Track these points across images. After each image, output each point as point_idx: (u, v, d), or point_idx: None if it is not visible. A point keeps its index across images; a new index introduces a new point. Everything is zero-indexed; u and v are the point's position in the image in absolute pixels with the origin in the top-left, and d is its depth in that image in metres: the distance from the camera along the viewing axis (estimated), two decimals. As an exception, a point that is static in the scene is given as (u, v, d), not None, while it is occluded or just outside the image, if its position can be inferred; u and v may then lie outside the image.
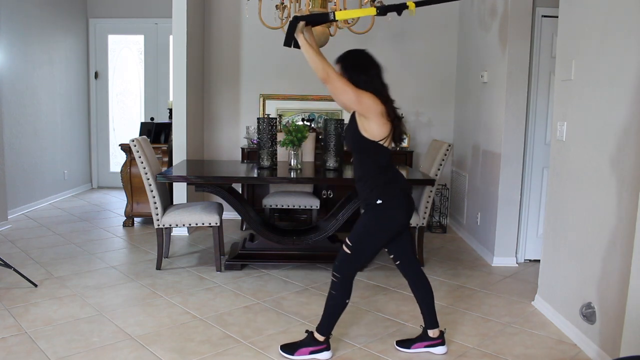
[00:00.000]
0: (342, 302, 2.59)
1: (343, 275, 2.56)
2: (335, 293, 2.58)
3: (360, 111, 2.46)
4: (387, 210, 2.52)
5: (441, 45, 5.59)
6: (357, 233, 2.56)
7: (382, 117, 2.46)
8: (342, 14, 2.70)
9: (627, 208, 2.45)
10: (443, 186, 5.46)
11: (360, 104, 2.43)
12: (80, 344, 2.70)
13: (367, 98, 2.44)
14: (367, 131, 2.47)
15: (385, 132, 2.48)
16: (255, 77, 5.62)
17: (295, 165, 4.14)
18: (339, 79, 2.44)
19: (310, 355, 2.62)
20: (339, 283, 2.56)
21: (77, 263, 4.02)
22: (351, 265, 2.58)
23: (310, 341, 2.63)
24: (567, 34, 3.15)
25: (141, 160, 3.80)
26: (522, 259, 4.31)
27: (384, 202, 2.51)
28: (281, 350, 2.65)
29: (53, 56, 6.32)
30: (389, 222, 2.54)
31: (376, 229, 2.55)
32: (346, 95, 2.43)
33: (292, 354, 2.62)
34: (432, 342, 2.70)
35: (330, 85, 2.45)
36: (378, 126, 2.45)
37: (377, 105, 2.44)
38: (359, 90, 2.44)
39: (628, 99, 2.47)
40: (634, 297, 2.34)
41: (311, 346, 2.62)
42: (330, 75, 2.43)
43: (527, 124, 4.14)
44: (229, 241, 4.67)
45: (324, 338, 2.62)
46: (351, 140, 2.58)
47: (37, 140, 6.00)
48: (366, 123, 2.47)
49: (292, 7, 3.97)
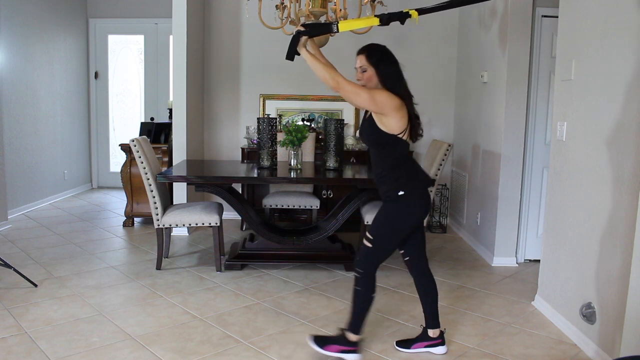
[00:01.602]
0: (369, 297, 2.58)
1: (366, 270, 2.56)
2: (361, 289, 2.56)
3: (377, 110, 2.47)
4: (409, 202, 2.52)
5: (441, 45, 5.59)
6: (378, 226, 2.56)
7: (400, 110, 2.47)
8: (345, 25, 2.68)
9: (627, 208, 2.45)
10: (443, 186, 5.46)
11: (375, 102, 2.44)
12: (80, 344, 2.70)
13: (380, 95, 2.45)
14: (385, 125, 2.49)
15: (404, 125, 2.49)
16: (255, 77, 5.62)
17: (295, 165, 4.14)
18: (349, 84, 2.46)
19: (339, 354, 2.58)
20: (362, 278, 2.56)
21: (77, 263, 4.02)
22: (373, 259, 2.57)
23: (342, 340, 2.59)
24: (567, 34, 3.15)
25: (141, 160, 3.80)
26: (522, 259, 4.31)
27: (405, 194, 2.51)
28: (311, 341, 2.60)
29: (53, 56, 6.32)
30: (409, 214, 2.54)
31: (397, 221, 2.54)
32: (359, 98, 2.45)
33: (321, 347, 2.59)
34: (432, 342, 2.70)
35: (342, 91, 2.47)
36: (396, 120, 2.47)
37: (392, 100, 2.45)
38: (371, 90, 2.46)
39: (628, 99, 2.47)
40: (634, 297, 2.34)
41: (342, 345, 2.58)
42: (339, 82, 2.45)
43: (527, 124, 4.13)
44: (229, 241, 4.67)
45: (357, 339, 2.59)
46: (369, 135, 2.58)
47: (37, 140, 6.00)
48: (384, 119, 2.48)
49: (292, 7, 3.97)
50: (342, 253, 4.04)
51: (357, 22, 2.75)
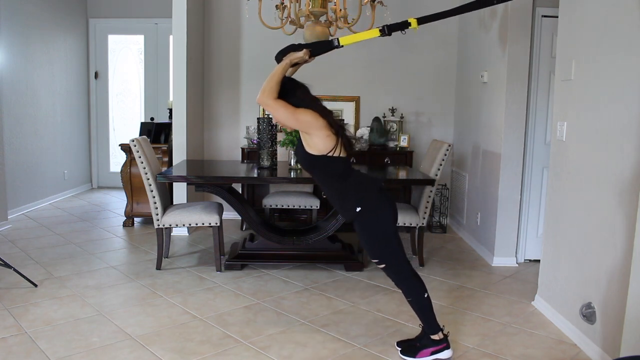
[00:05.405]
0: (424, 298, 2.60)
1: (403, 282, 2.60)
2: (412, 298, 2.61)
3: (301, 128, 2.50)
4: (371, 211, 2.54)
5: (441, 45, 5.59)
6: (370, 247, 2.60)
7: (325, 129, 2.47)
8: (347, 40, 2.69)
9: (627, 208, 2.45)
10: (443, 186, 5.46)
11: (298, 120, 2.47)
12: (80, 344, 2.70)
13: (303, 115, 2.46)
14: (312, 147, 2.50)
15: (331, 144, 2.49)
16: (255, 77, 5.60)
17: (295, 165, 4.14)
18: (275, 102, 2.46)
19: (432, 356, 2.62)
20: (406, 289, 2.61)
21: (77, 263, 4.02)
22: (399, 270, 2.60)
23: (429, 342, 2.62)
24: (567, 34, 3.15)
25: (141, 160, 3.80)
26: (522, 259, 4.31)
27: (363, 208, 2.53)
28: (402, 353, 2.65)
29: (53, 56, 6.32)
30: (380, 219, 2.56)
31: (377, 231, 2.56)
32: (281, 115, 2.47)
33: (413, 356, 2.63)
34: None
35: (268, 108, 2.48)
36: (321, 139, 2.47)
37: (316, 120, 2.46)
38: (295, 110, 2.47)
39: (628, 99, 2.47)
40: (634, 297, 2.34)
41: (431, 347, 2.62)
42: (267, 99, 2.45)
43: (527, 124, 4.13)
44: (229, 241, 4.67)
45: (442, 336, 2.62)
46: (302, 161, 2.63)
47: (37, 140, 6.00)
48: (309, 139, 2.50)
49: (292, 7, 3.97)
50: (342, 253, 4.04)
51: (358, 36, 2.76)
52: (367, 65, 5.57)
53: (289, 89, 2.53)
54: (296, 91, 2.53)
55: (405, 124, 5.58)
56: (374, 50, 5.50)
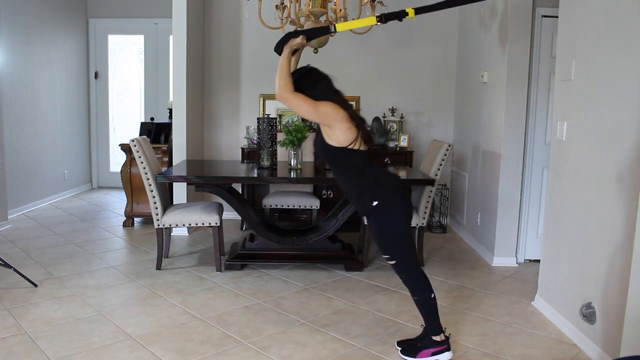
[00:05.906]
0: (430, 299, 2.61)
1: (411, 281, 2.60)
2: (418, 297, 2.61)
3: (322, 121, 2.49)
4: (388, 208, 2.53)
5: (441, 45, 5.59)
6: (383, 243, 2.59)
7: (346, 122, 2.47)
8: (343, 26, 2.69)
9: (627, 208, 2.45)
10: (443, 186, 5.46)
11: (319, 113, 2.46)
12: (80, 344, 2.70)
13: (325, 107, 2.45)
14: (332, 139, 2.49)
15: (352, 136, 2.48)
16: (255, 77, 5.61)
17: (295, 165, 4.14)
18: (294, 96, 2.46)
19: (433, 357, 2.62)
20: (414, 288, 2.61)
21: (77, 263, 4.02)
22: (408, 268, 2.59)
23: (430, 343, 2.63)
24: (567, 34, 3.15)
25: (141, 160, 3.80)
26: (522, 259, 4.31)
27: (379, 203, 2.53)
28: (402, 353, 2.66)
29: (53, 56, 6.32)
30: (396, 217, 2.55)
31: (392, 228, 2.56)
32: (302, 109, 2.47)
33: (413, 356, 2.63)
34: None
35: (287, 103, 2.48)
36: (342, 132, 2.47)
37: (337, 112, 2.46)
38: (315, 102, 2.46)
39: (628, 99, 2.47)
40: (634, 297, 2.34)
41: (432, 347, 2.62)
42: (286, 93, 2.45)
43: (527, 124, 4.13)
44: (229, 241, 4.67)
45: (444, 337, 2.63)
46: (321, 152, 2.61)
47: (37, 140, 6.00)
48: (330, 131, 2.49)
49: (292, 7, 3.97)
50: (342, 253, 4.04)
51: (355, 22, 2.77)
52: (367, 66, 5.56)
53: (312, 80, 2.52)
54: (318, 83, 2.52)
55: (405, 124, 5.58)
56: (374, 50, 5.51)
